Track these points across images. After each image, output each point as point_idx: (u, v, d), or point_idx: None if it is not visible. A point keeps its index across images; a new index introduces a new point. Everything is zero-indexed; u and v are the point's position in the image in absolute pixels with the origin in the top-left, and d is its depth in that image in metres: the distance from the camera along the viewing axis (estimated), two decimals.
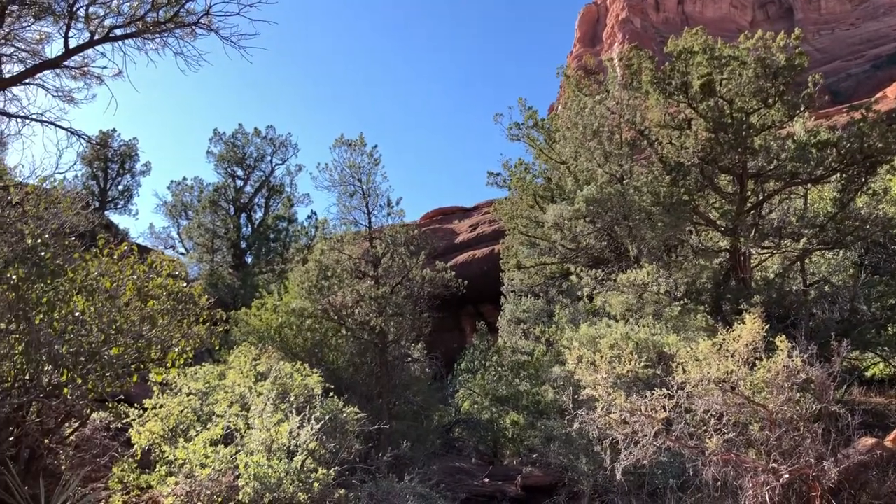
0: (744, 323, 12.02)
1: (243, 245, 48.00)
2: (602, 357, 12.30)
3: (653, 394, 11.62)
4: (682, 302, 22.50)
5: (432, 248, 27.41)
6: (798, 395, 11.19)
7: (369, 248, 24.67)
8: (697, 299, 24.29)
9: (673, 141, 26.09)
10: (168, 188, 49.87)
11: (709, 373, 11.64)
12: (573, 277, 25.60)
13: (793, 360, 11.15)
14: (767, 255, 26.12)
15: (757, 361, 11.72)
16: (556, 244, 28.27)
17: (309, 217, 50.44)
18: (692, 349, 12.71)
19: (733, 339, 11.81)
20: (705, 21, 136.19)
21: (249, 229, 49.10)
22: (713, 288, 25.62)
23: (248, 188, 49.57)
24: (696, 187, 25.63)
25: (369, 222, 24.87)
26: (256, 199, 49.88)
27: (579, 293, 25.75)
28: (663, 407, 11.64)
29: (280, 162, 50.03)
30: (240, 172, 49.29)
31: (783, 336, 11.56)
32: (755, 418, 11.64)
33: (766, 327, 11.69)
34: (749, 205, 25.10)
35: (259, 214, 50.06)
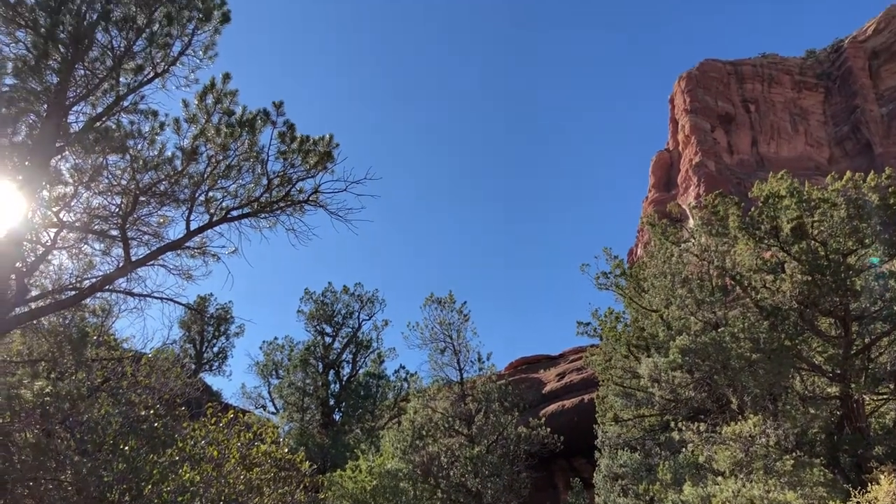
0: (878, 483, 11.19)
1: (332, 402, 48.25)
2: None
3: None
4: (794, 454, 21.16)
5: (524, 401, 26.97)
6: None
7: (462, 404, 24.45)
8: (811, 451, 22.83)
9: (767, 285, 25.52)
10: (260, 348, 51.24)
11: None
12: (674, 433, 24.54)
13: None
14: (883, 401, 24.58)
15: None
16: (653, 395, 27.38)
17: (396, 371, 50.69)
18: None
19: (868, 502, 10.97)
20: (780, 161, 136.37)
21: (338, 386, 49.50)
22: (827, 438, 24.08)
23: (336, 345, 50.44)
24: (797, 332, 24.73)
25: (461, 378, 24.86)
26: (344, 356, 50.59)
27: (682, 447, 24.60)
28: None
29: (367, 318, 51.06)
30: (328, 330, 50.40)
31: None
32: None
33: None
34: (856, 348, 23.98)
35: (347, 370, 50.60)
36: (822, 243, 23.93)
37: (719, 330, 25.14)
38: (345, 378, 50.07)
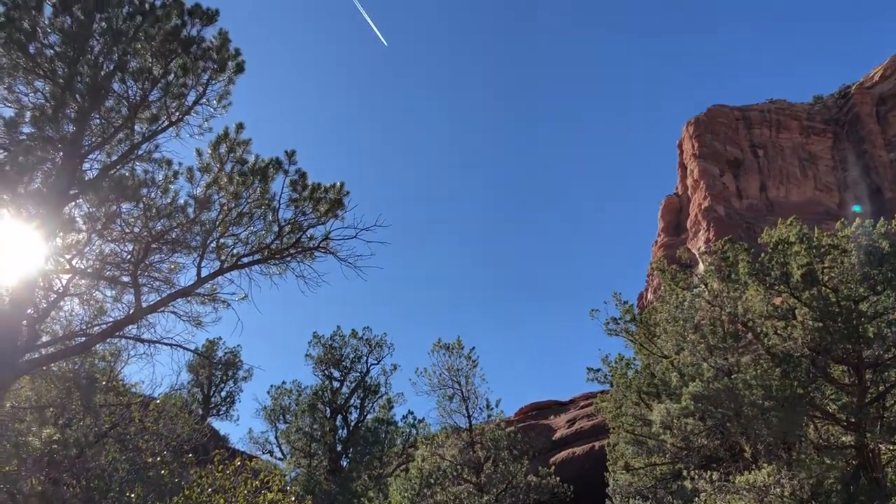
0: None
1: (339, 448, 47.68)
2: None
3: None
4: None
5: (533, 449, 26.67)
6: None
7: (470, 452, 24.19)
8: (827, 502, 22.43)
9: (779, 332, 25.33)
10: (268, 392, 50.83)
11: None
12: (686, 482, 24.16)
13: None
14: None
15: None
16: (665, 443, 27.01)
17: (405, 417, 50.10)
18: None
19: None
20: (790, 205, 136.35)
21: (345, 431, 48.94)
22: (843, 489, 23.64)
23: (344, 389, 49.98)
24: (810, 379, 24.47)
25: (469, 425, 24.65)
26: (352, 401, 50.10)
27: (695, 497, 24.19)
28: None
29: (375, 362, 50.60)
30: (336, 374, 49.97)
31: None
32: None
33: None
34: (870, 396, 23.68)
35: (355, 416, 50.06)
36: (833, 290, 23.81)
37: (732, 376, 24.91)
38: (352, 423, 49.57)
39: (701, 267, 31.78)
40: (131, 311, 12.59)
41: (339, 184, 13.75)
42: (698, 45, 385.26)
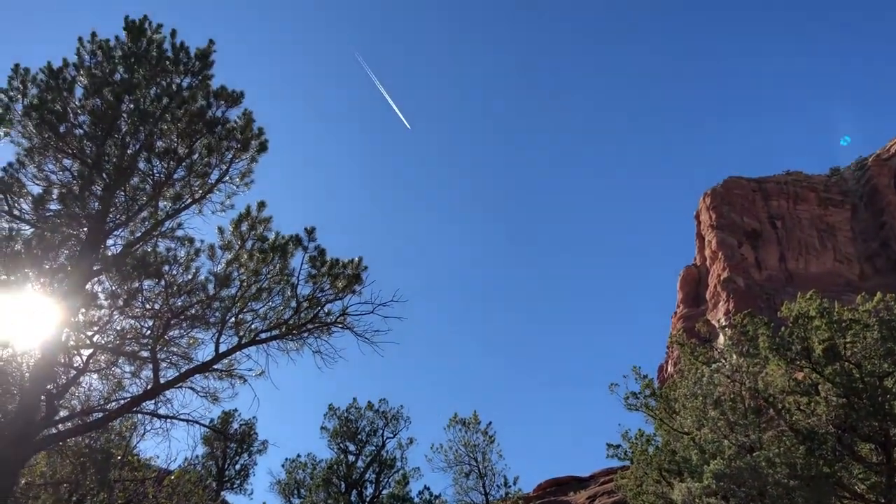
0: None
1: None
2: None
3: None
4: None
5: None
6: None
7: None
8: None
9: (802, 408, 24.86)
10: (282, 466, 50.10)
11: None
12: None
13: None
14: None
15: None
16: None
17: (421, 492, 49.08)
18: None
19: None
20: (809, 277, 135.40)
21: None
22: None
23: (359, 463, 49.20)
24: (836, 457, 23.88)
25: (486, 503, 24.14)
26: (367, 475, 49.25)
27: None
28: None
29: (391, 435, 49.85)
30: (352, 447, 49.26)
31: None
32: None
33: None
34: None
35: (370, 491, 49.12)
36: (856, 365, 23.43)
37: (754, 454, 24.34)
38: (367, 499, 48.57)
39: (721, 338, 31.47)
40: (149, 386, 12.65)
41: (357, 259, 13.93)
42: (714, 116, 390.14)
